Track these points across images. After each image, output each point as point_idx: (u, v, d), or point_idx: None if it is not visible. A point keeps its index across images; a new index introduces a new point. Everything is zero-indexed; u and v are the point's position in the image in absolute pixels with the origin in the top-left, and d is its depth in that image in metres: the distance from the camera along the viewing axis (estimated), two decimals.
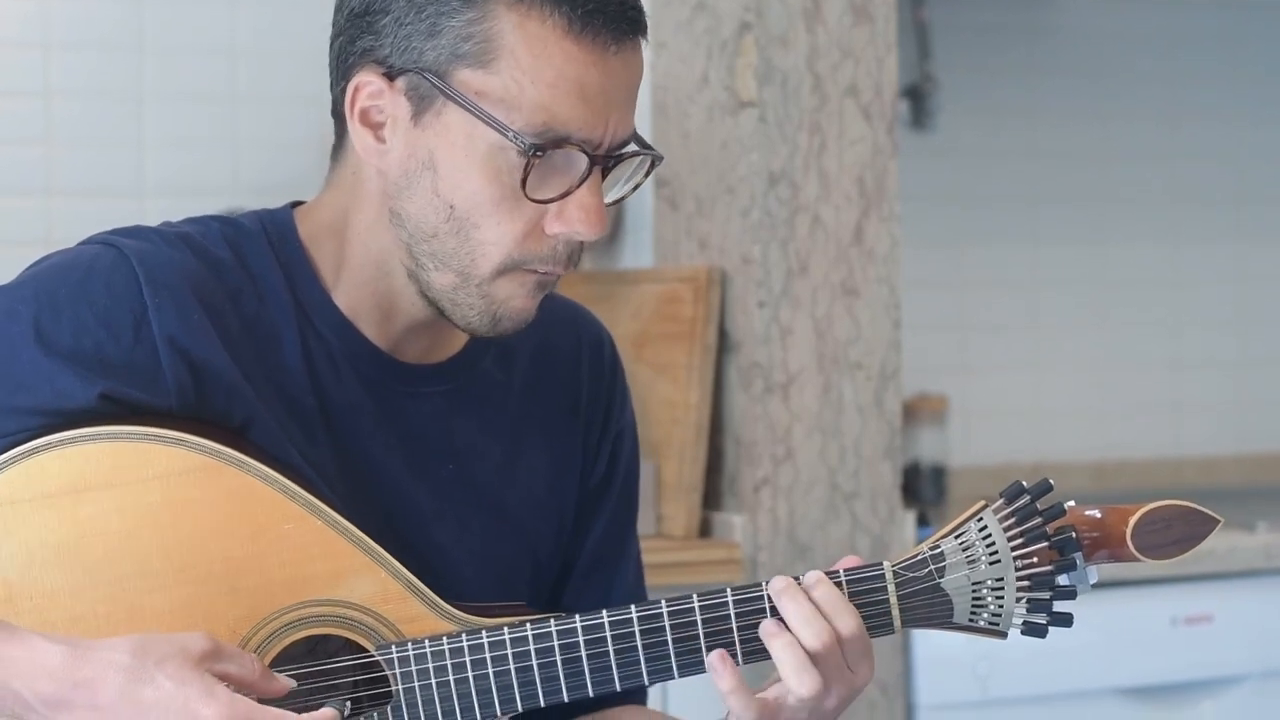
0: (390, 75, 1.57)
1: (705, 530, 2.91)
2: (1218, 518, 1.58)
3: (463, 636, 1.56)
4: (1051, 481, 1.57)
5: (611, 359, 1.84)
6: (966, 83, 3.77)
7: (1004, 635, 1.59)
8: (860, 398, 2.87)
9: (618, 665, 1.56)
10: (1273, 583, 3.13)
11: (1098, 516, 1.58)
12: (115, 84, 3.13)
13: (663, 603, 1.56)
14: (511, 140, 1.53)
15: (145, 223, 1.66)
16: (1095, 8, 3.94)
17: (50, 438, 1.52)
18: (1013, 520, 1.56)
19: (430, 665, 1.55)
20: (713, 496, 2.93)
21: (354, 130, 1.60)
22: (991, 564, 1.56)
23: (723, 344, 2.91)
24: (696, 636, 1.56)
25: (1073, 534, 1.56)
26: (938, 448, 3.62)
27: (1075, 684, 2.97)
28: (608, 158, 1.57)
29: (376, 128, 1.59)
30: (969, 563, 1.57)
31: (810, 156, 2.85)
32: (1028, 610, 1.57)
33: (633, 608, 1.56)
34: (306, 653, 1.55)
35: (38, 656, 1.42)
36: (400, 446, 1.67)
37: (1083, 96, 3.93)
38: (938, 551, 1.57)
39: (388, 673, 1.55)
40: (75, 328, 1.54)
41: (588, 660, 1.55)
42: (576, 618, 1.56)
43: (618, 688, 1.57)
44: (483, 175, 1.55)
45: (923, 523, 3.00)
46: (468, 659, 1.55)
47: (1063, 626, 1.57)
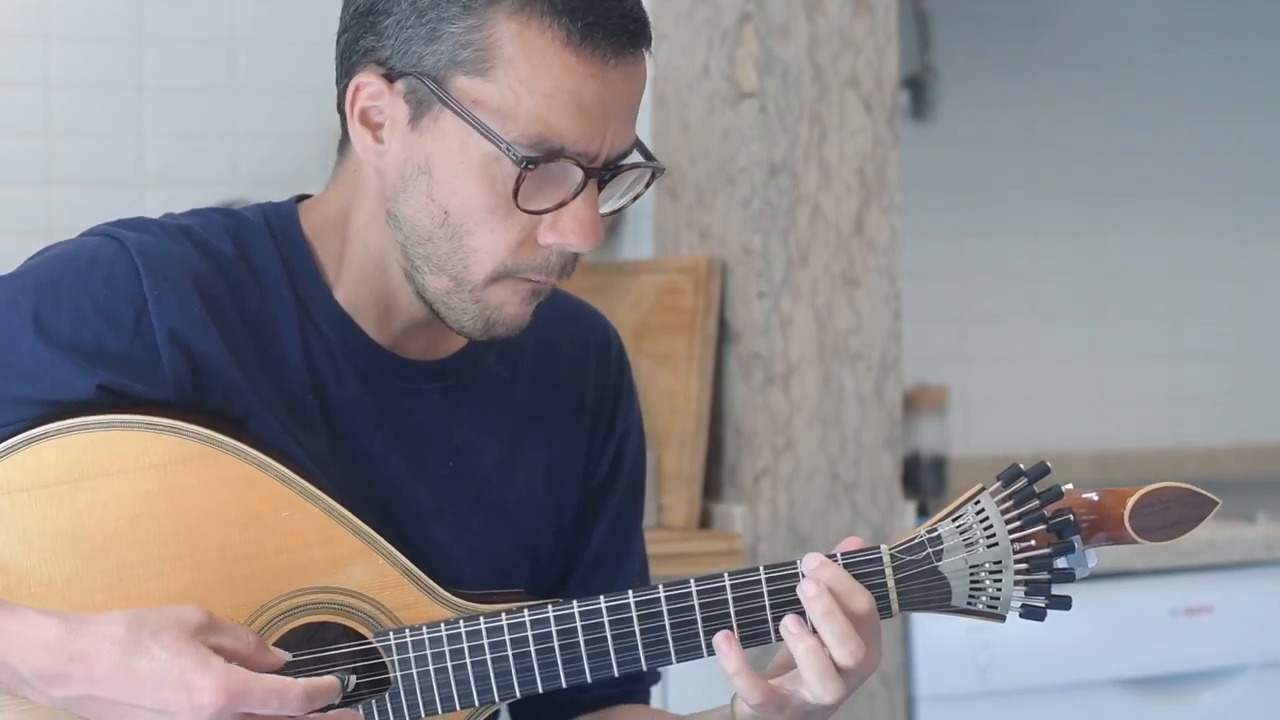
0: (390, 77, 1.56)
1: (705, 521, 2.91)
2: (1215, 499, 1.58)
3: (460, 623, 1.56)
4: (1049, 464, 1.57)
5: (619, 358, 1.83)
6: (967, 73, 3.77)
7: (1002, 618, 1.58)
8: (860, 388, 2.87)
9: (615, 650, 1.55)
10: (1273, 574, 3.13)
11: (1095, 499, 1.58)
12: (115, 75, 3.13)
13: (660, 587, 1.56)
14: (504, 151, 1.52)
15: (145, 214, 1.66)
16: None
17: (48, 427, 1.52)
18: (1010, 503, 1.56)
19: (428, 652, 1.55)
20: (713, 487, 2.93)
21: (353, 130, 1.59)
22: (989, 547, 1.56)
23: (723, 334, 2.91)
24: (694, 621, 1.55)
25: (1070, 516, 1.56)
26: (938, 438, 3.62)
27: (1075, 675, 2.97)
28: (604, 170, 1.56)
29: (375, 128, 1.58)
30: (967, 546, 1.56)
31: (810, 147, 2.85)
32: (1026, 593, 1.56)
33: (630, 593, 1.55)
34: (304, 640, 1.55)
35: (33, 631, 1.43)
36: (399, 443, 1.66)
37: (1083, 87, 3.93)
38: (935, 535, 1.57)
39: (386, 660, 1.56)
40: (75, 319, 1.54)
41: (585, 645, 1.55)
42: (574, 603, 1.56)
43: (615, 673, 1.56)
44: (477, 183, 1.54)
45: (923, 513, 3.00)
46: (465, 645, 1.55)
47: (1061, 609, 1.57)
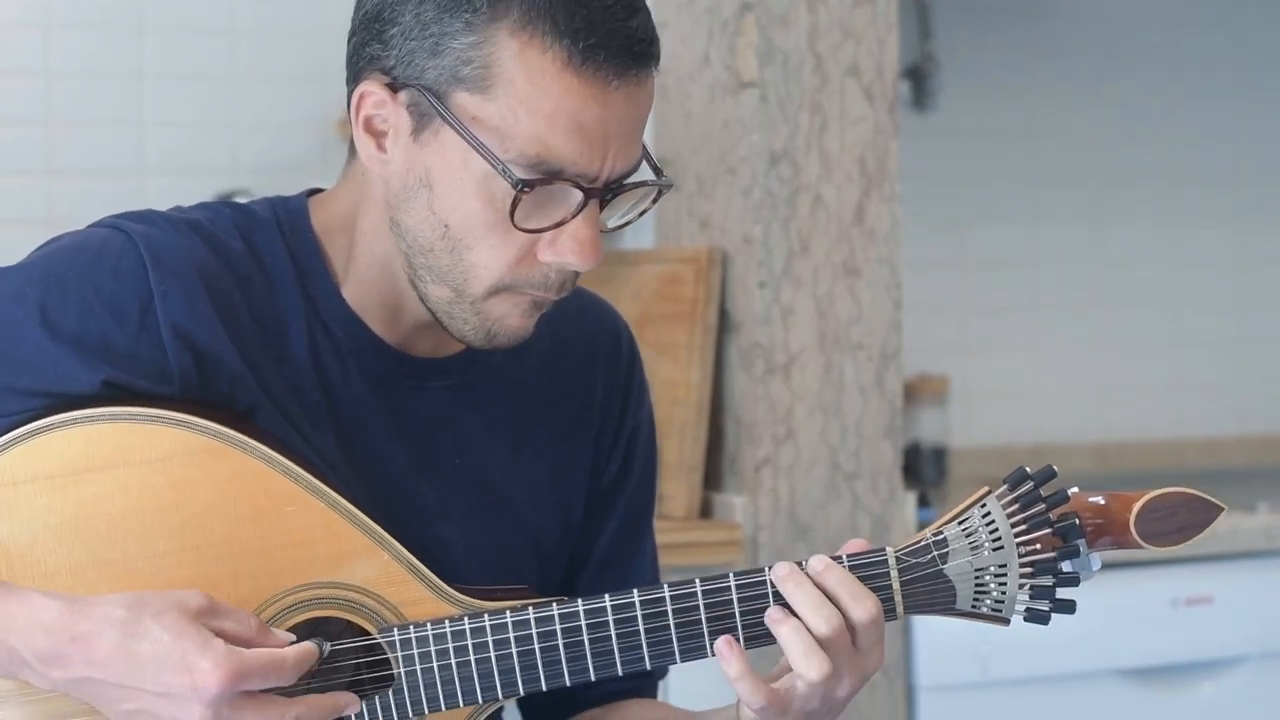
0: (394, 87, 1.55)
1: (706, 511, 2.91)
2: (1221, 505, 1.57)
3: (464, 619, 1.55)
4: (1055, 468, 1.56)
5: (629, 353, 1.82)
6: (967, 63, 3.77)
7: (1007, 622, 1.58)
8: (861, 378, 2.87)
9: (619, 649, 1.55)
10: (1273, 564, 3.13)
11: (1101, 503, 1.57)
12: (115, 64, 3.13)
13: (665, 587, 1.55)
14: (500, 172, 1.50)
15: (145, 203, 1.65)
16: None
17: (53, 418, 1.52)
18: (1016, 506, 1.55)
19: (432, 648, 1.55)
20: (713, 477, 2.93)
21: (357, 136, 1.58)
22: (994, 550, 1.55)
23: (724, 324, 2.91)
24: (699, 621, 1.55)
25: (1076, 520, 1.55)
26: (938, 428, 3.63)
27: (1076, 665, 2.97)
28: (604, 191, 1.55)
29: (379, 136, 1.57)
30: (972, 549, 1.56)
31: (811, 136, 2.85)
32: (1030, 597, 1.56)
33: (635, 591, 1.55)
34: (309, 635, 1.54)
35: (35, 612, 1.43)
36: (406, 440, 1.66)
37: (1084, 77, 3.93)
38: (940, 538, 1.56)
39: (389, 655, 1.55)
40: (81, 312, 1.54)
41: (589, 644, 1.55)
42: (578, 601, 1.55)
43: (619, 672, 1.56)
44: (477, 199, 1.53)
45: (923, 503, 3.00)
46: (469, 642, 1.55)
47: (1065, 613, 1.56)
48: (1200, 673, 3.10)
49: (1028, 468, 1.57)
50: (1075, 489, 1.57)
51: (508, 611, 1.55)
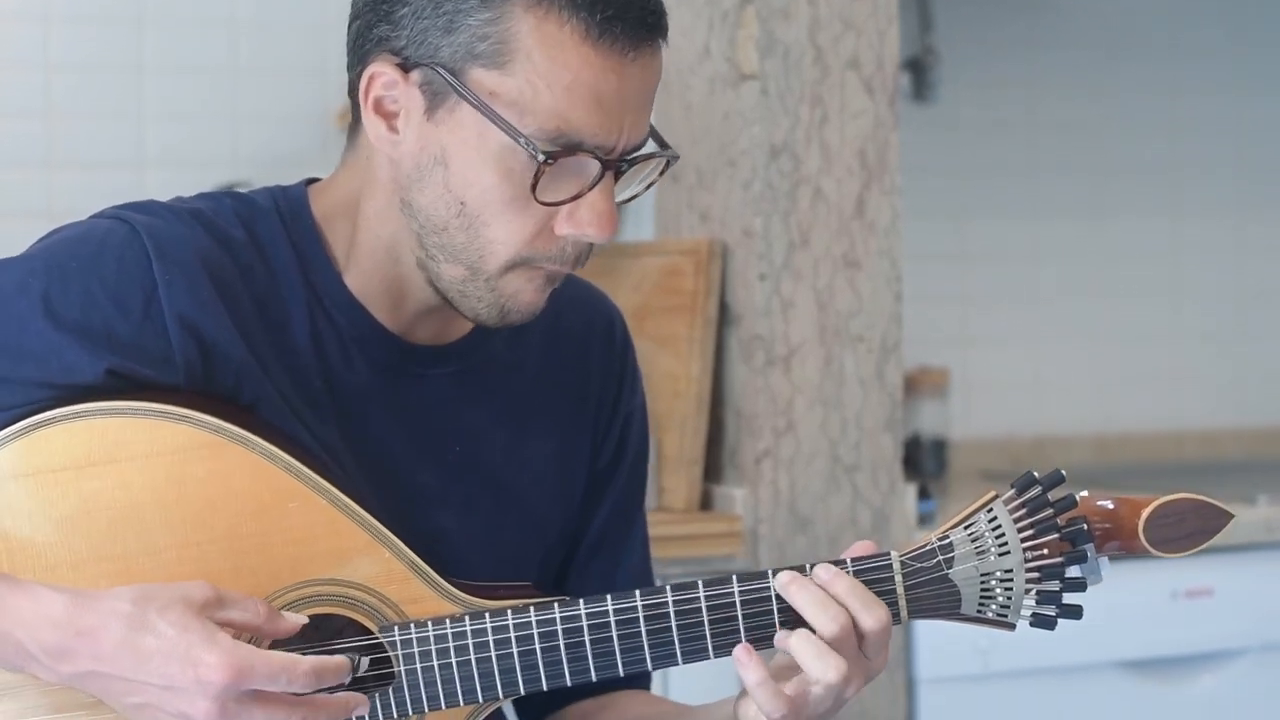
0: (405, 67, 1.55)
1: (706, 503, 2.91)
2: (1231, 512, 1.56)
3: (465, 619, 1.55)
4: (1063, 472, 1.55)
5: (622, 341, 1.83)
6: (968, 55, 3.76)
7: (1012, 627, 1.57)
8: (861, 370, 2.87)
9: (621, 651, 1.55)
10: (1273, 556, 3.13)
11: (1110, 508, 1.56)
12: (115, 57, 3.13)
13: (668, 590, 1.55)
14: (523, 145, 1.51)
15: (145, 195, 1.65)
16: None
17: (55, 412, 1.52)
18: (1024, 511, 1.54)
19: (433, 647, 1.55)
20: (713, 469, 2.93)
21: (367, 118, 1.58)
22: (1001, 555, 1.55)
23: (724, 316, 2.90)
24: (701, 624, 1.55)
25: (1084, 525, 1.55)
26: (939, 420, 3.63)
27: (1076, 658, 2.97)
28: (621, 162, 1.56)
29: (390, 117, 1.57)
30: (978, 554, 1.55)
31: (812, 129, 2.85)
32: (1037, 602, 1.55)
33: (637, 594, 1.55)
34: (310, 632, 1.55)
35: (41, 606, 1.43)
36: (407, 429, 1.66)
37: (1084, 69, 3.92)
38: (946, 542, 1.56)
39: (390, 653, 1.55)
40: (84, 302, 1.54)
41: (591, 645, 1.55)
42: (580, 602, 1.55)
43: (620, 673, 1.56)
44: (494, 174, 1.54)
45: (924, 495, 2.99)
46: (470, 641, 1.55)
47: (1072, 618, 1.55)
48: (1200, 665, 3.10)
49: (1035, 472, 1.55)
50: (1084, 493, 1.57)
51: (509, 612, 1.55)
